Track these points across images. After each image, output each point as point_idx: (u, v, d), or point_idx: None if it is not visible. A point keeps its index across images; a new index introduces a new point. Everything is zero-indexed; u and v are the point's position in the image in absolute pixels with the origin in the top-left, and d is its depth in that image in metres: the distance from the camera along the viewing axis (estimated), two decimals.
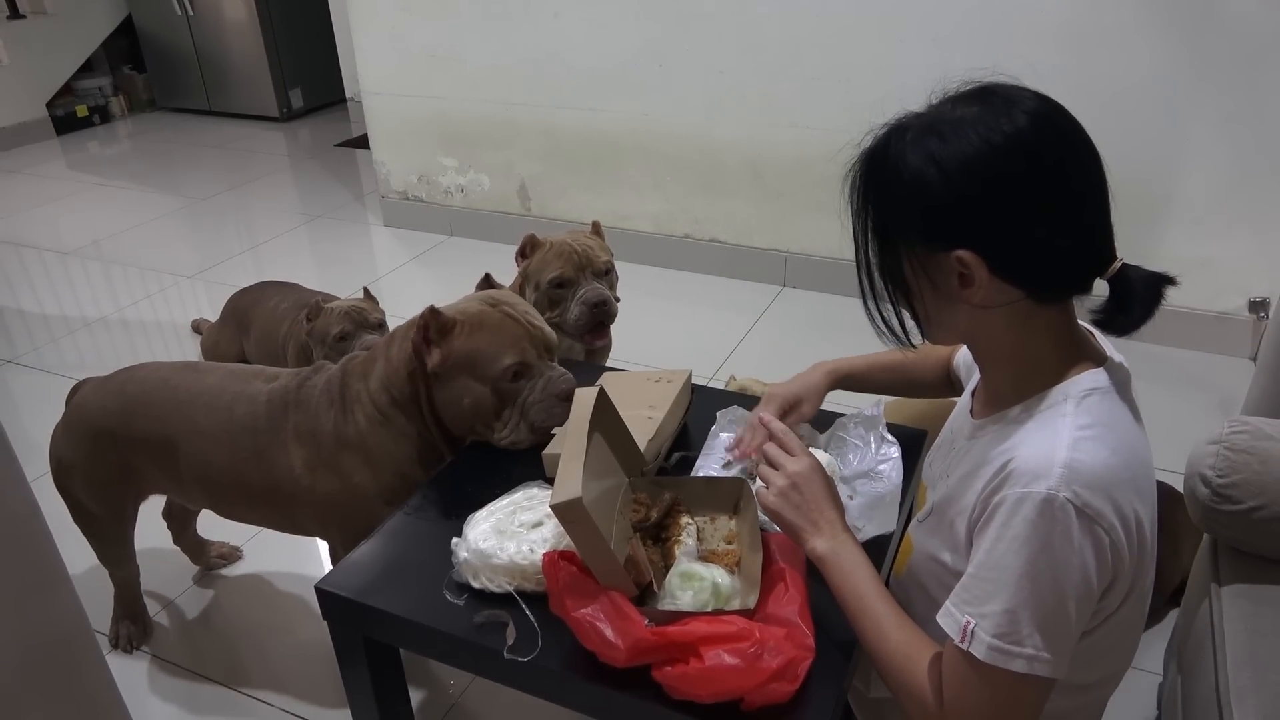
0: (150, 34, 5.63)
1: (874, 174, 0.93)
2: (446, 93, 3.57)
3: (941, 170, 0.87)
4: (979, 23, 2.64)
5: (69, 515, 1.71)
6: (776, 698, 0.96)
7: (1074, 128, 0.89)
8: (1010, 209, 0.86)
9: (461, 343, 1.41)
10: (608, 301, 1.93)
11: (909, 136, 0.90)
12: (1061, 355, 0.94)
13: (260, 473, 1.52)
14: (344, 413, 1.49)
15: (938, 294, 0.92)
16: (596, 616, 1.00)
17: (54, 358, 2.98)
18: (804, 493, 1.05)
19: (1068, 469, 0.84)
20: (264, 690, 1.74)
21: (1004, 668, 0.86)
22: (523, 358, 1.41)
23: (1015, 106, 0.87)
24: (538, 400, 1.42)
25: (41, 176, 4.78)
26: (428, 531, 1.27)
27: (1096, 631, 0.95)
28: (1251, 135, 2.50)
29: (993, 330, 0.94)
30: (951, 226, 0.88)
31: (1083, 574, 0.85)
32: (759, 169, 3.12)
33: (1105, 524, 0.85)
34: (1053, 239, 0.87)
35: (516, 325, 1.43)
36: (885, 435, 1.34)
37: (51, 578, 1.22)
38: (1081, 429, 0.88)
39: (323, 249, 3.83)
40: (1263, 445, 1.24)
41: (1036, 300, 0.91)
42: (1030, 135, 0.86)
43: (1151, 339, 2.81)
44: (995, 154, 0.86)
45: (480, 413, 1.43)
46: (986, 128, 0.86)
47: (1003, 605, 0.86)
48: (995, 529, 0.88)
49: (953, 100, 0.92)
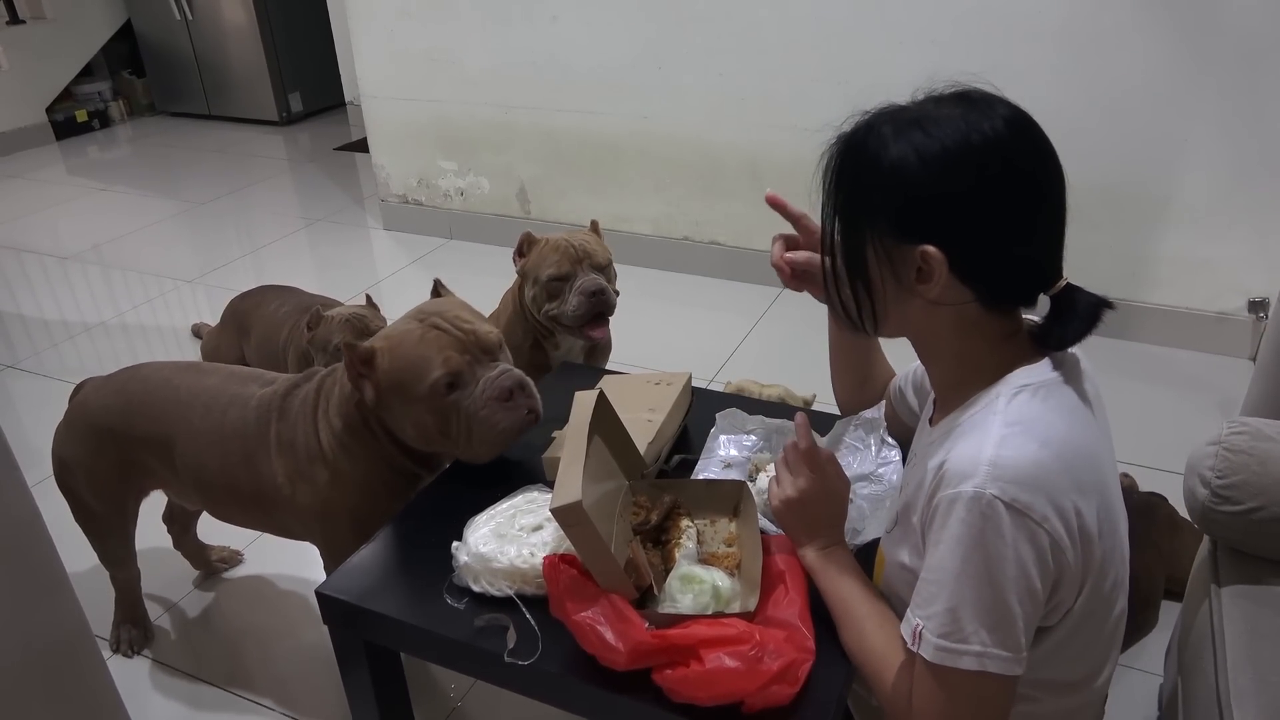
0: (149, 39, 5.64)
1: (850, 158, 0.94)
2: (446, 96, 3.57)
3: (921, 161, 0.88)
4: (978, 25, 2.64)
5: (70, 520, 1.71)
6: (777, 700, 0.96)
7: (1045, 141, 0.92)
8: (978, 209, 0.88)
9: (385, 369, 1.33)
10: (605, 290, 1.92)
11: (890, 127, 0.91)
12: (999, 359, 0.96)
13: (248, 478, 1.52)
14: (315, 428, 1.47)
15: (896, 284, 0.94)
16: (597, 620, 1.00)
17: (54, 362, 2.98)
18: (807, 509, 1.09)
19: (993, 466, 0.86)
20: (265, 695, 1.74)
21: (953, 666, 0.88)
22: (449, 368, 1.31)
23: (994, 111, 0.90)
24: (479, 408, 1.33)
25: (41, 181, 4.78)
26: (428, 535, 1.27)
27: (1059, 629, 0.95)
28: (1251, 136, 2.50)
29: (939, 328, 0.96)
30: (921, 219, 0.90)
31: (1019, 568, 0.86)
32: (758, 171, 3.13)
33: (1037, 517, 0.85)
34: (1014, 245, 0.90)
35: (441, 336, 1.34)
36: (886, 438, 1.34)
37: (52, 582, 1.23)
38: (1009, 425, 0.89)
39: (323, 253, 3.83)
40: (1262, 446, 1.24)
41: (985, 305, 0.93)
42: (1008, 140, 0.88)
43: (1152, 339, 2.83)
44: (973, 152, 0.88)
45: (426, 434, 1.36)
46: (968, 126, 0.88)
47: (944, 605, 0.88)
48: (935, 531, 0.90)
49: (935, 99, 0.93)
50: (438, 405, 1.33)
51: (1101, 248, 2.75)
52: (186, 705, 1.74)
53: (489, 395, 1.33)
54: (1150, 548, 1.68)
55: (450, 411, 1.33)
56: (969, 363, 0.97)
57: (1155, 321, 2.77)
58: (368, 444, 1.43)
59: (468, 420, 1.34)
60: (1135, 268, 2.75)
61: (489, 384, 1.33)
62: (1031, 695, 1.00)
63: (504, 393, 1.33)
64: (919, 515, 0.96)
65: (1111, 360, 2.73)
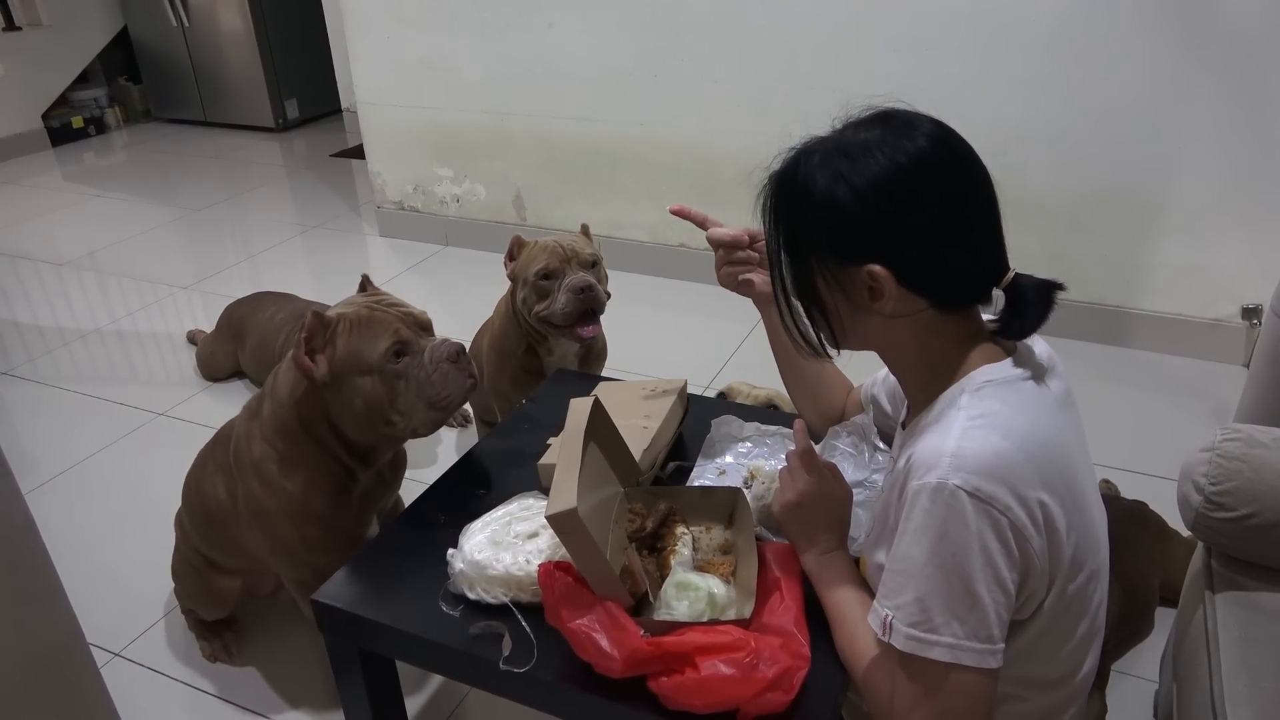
0: (146, 45, 5.64)
1: (785, 194, 0.99)
2: (442, 103, 3.57)
3: (851, 188, 0.92)
4: (972, 33, 2.65)
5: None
6: (772, 708, 0.96)
7: (967, 149, 0.95)
8: (915, 224, 0.92)
9: (343, 342, 1.40)
10: (593, 287, 1.90)
11: (816, 159, 0.95)
12: (962, 359, 0.98)
13: (199, 503, 1.64)
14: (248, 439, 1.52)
15: (851, 305, 0.98)
16: (592, 627, 1.00)
17: (49, 369, 2.98)
18: (807, 511, 1.10)
19: (955, 456, 0.88)
20: (260, 702, 1.74)
21: (925, 656, 0.89)
22: (398, 336, 1.41)
23: (915, 129, 0.94)
24: (428, 372, 1.41)
25: (37, 188, 4.78)
26: (423, 543, 1.27)
27: (1034, 622, 0.96)
28: (1243, 143, 2.51)
29: (901, 338, 0.99)
30: (861, 241, 0.94)
31: (985, 556, 0.87)
32: (753, 178, 3.11)
33: (1000, 506, 0.87)
34: (952, 252, 0.93)
35: (385, 313, 1.44)
36: (878, 444, 1.34)
37: (46, 590, 1.22)
38: (972, 419, 0.91)
39: (318, 259, 3.83)
40: (1255, 453, 1.24)
41: (940, 309, 0.96)
42: (930, 156, 0.92)
43: (1146, 346, 2.84)
44: (900, 172, 0.91)
45: (376, 408, 1.41)
46: (891, 148, 0.92)
47: (912, 594, 0.89)
48: (902, 523, 0.92)
49: (855, 124, 0.97)
50: (388, 374, 1.40)
51: (1096, 255, 2.76)
52: (181, 713, 1.73)
53: (439, 357, 1.42)
54: (1144, 554, 1.69)
55: (399, 380, 1.41)
56: (933, 366, 0.99)
57: (1149, 328, 2.78)
58: (308, 444, 1.47)
59: (418, 387, 1.41)
60: (1129, 274, 2.76)
61: (435, 350, 1.43)
62: (1017, 694, 1.00)
63: (452, 354, 1.43)
64: (893, 514, 0.97)
65: (1106, 366, 2.75)
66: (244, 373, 2.80)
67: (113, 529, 2.19)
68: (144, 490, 2.33)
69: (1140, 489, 1.97)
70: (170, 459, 2.38)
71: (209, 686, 1.78)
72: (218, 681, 1.79)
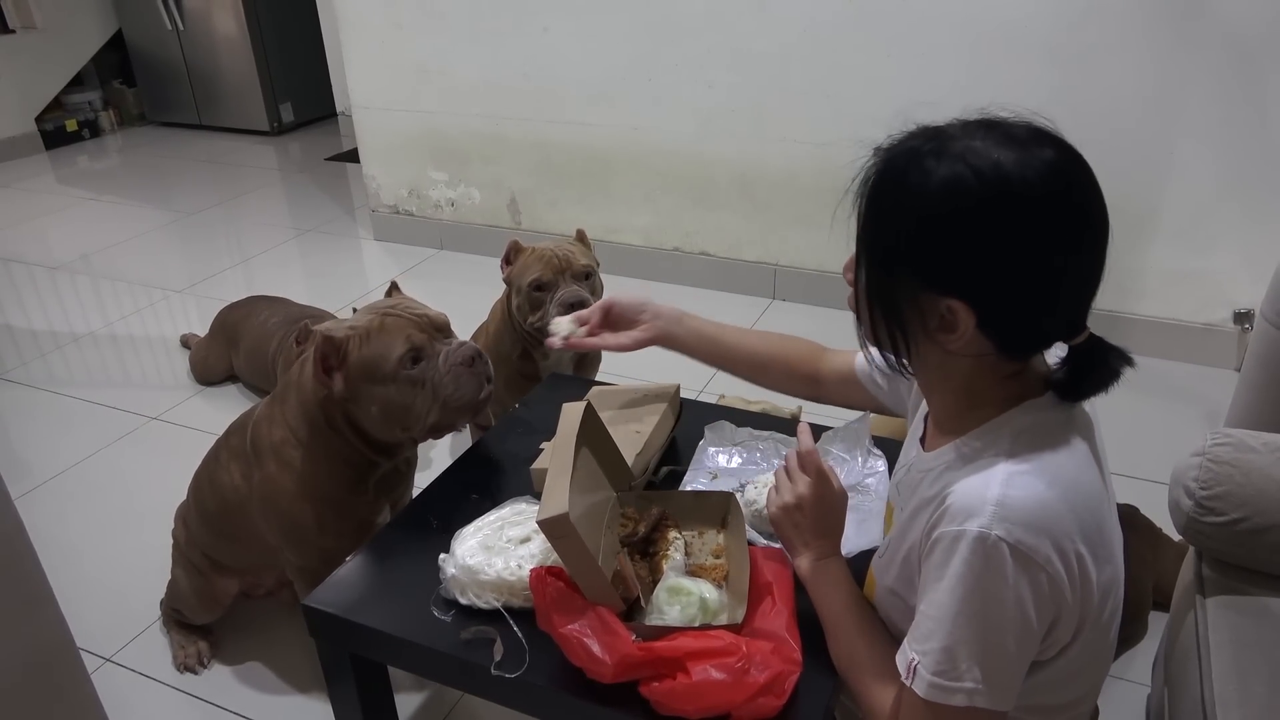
0: (140, 48, 5.63)
1: (887, 192, 0.89)
2: (437, 107, 3.57)
3: (960, 215, 0.83)
4: (965, 38, 2.66)
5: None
6: (764, 712, 0.96)
7: (1099, 203, 0.89)
8: (1020, 276, 0.84)
9: (355, 356, 1.41)
10: (585, 302, 1.90)
11: (934, 163, 0.85)
12: (1005, 393, 0.94)
13: (213, 497, 1.63)
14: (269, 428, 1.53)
15: (922, 328, 0.90)
16: (584, 632, 1.00)
17: (42, 373, 2.97)
18: (805, 514, 1.07)
19: (1000, 506, 0.84)
20: (251, 707, 1.73)
21: (945, 703, 0.87)
22: (412, 342, 1.41)
23: (1055, 169, 0.84)
24: (444, 374, 1.42)
25: (30, 191, 4.77)
26: (415, 547, 1.27)
27: (1055, 663, 0.95)
28: (1237, 148, 2.52)
29: (951, 369, 0.94)
30: (954, 273, 0.86)
31: (1019, 610, 0.85)
32: (748, 182, 3.14)
33: (1041, 559, 0.84)
34: (1045, 310, 0.87)
35: (399, 319, 1.44)
36: (871, 449, 1.34)
37: (36, 595, 1.22)
38: (1016, 464, 0.87)
39: (313, 263, 3.82)
40: (1245, 457, 1.24)
41: (1003, 354, 0.90)
42: (1060, 211, 0.84)
43: (1138, 350, 2.82)
44: (1022, 217, 0.83)
45: (394, 413, 1.43)
46: (1020, 183, 0.82)
47: (941, 643, 0.87)
48: (934, 567, 0.88)
49: (985, 131, 0.86)
50: (405, 381, 1.41)
51: None
52: (172, 719, 1.72)
53: (454, 362, 1.43)
54: (1136, 559, 1.69)
55: (416, 386, 1.41)
56: (973, 395, 0.95)
57: (1142, 332, 2.78)
58: (325, 434, 1.48)
59: (434, 390, 1.42)
60: (1122, 279, 2.76)
61: (451, 354, 1.43)
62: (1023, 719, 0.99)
63: (468, 358, 1.43)
64: (913, 544, 0.95)
65: None
66: (237, 377, 2.80)
67: (105, 534, 2.18)
68: (137, 494, 2.32)
69: (1131, 493, 1.97)
70: (163, 463, 2.38)
71: (200, 692, 1.77)
72: (208, 687, 1.78)
